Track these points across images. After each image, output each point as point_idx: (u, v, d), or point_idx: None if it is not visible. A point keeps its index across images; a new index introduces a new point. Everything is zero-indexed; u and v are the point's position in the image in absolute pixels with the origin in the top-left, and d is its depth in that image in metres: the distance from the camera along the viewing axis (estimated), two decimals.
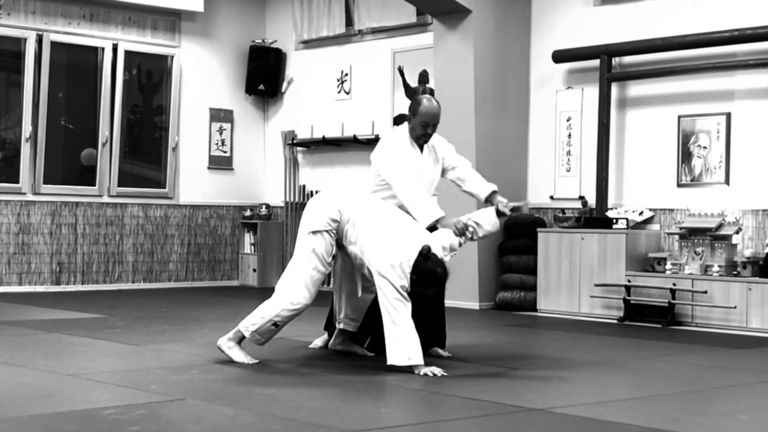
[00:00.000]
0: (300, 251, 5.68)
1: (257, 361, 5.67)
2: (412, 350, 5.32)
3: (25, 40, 10.55)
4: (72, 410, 4.32)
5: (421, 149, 6.00)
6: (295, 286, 5.59)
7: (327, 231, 5.64)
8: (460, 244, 5.72)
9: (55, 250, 10.81)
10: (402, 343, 5.32)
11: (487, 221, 5.84)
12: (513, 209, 5.95)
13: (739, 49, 8.49)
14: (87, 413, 4.25)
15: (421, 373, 5.30)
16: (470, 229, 5.74)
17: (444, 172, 6.12)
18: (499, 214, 5.88)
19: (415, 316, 5.64)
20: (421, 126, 5.92)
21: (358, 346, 6.13)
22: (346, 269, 5.88)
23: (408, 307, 5.37)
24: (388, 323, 5.36)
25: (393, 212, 5.69)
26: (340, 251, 5.77)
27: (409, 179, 5.79)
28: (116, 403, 4.47)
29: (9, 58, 10.75)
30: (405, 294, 5.36)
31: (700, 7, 8.75)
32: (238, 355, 5.68)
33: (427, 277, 5.35)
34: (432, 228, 5.70)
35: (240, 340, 5.72)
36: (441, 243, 5.55)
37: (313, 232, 5.65)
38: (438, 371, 5.32)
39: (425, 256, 5.35)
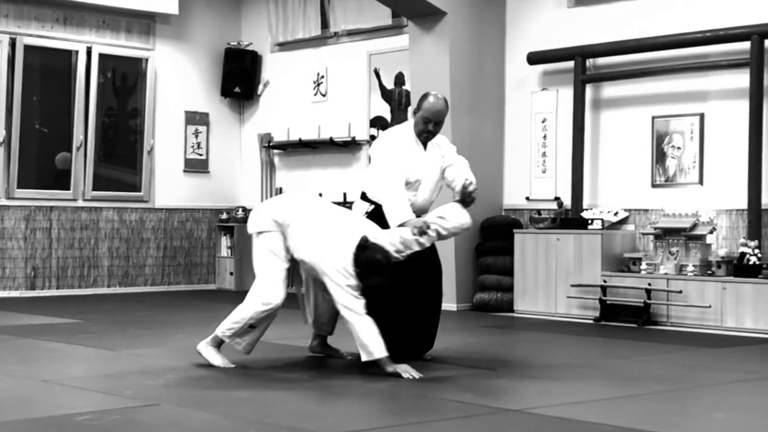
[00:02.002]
0: (258, 254, 5.66)
1: (234, 365, 5.65)
2: (374, 345, 5.31)
3: None
4: (47, 416, 4.29)
5: (425, 146, 5.90)
6: (264, 286, 5.58)
7: (272, 231, 5.60)
8: (422, 244, 5.54)
9: (30, 254, 10.74)
10: (363, 340, 5.31)
11: (453, 217, 5.67)
12: (465, 194, 5.70)
13: (712, 50, 8.54)
14: (62, 419, 4.22)
15: (389, 370, 5.29)
16: (432, 227, 5.56)
17: (443, 171, 5.97)
18: (465, 203, 5.71)
19: (411, 320, 5.70)
20: (423, 121, 5.83)
21: (337, 348, 6.11)
22: (310, 273, 5.85)
23: (361, 303, 5.32)
24: (348, 325, 5.36)
25: (328, 213, 5.62)
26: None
27: (389, 176, 5.70)
28: (91, 408, 4.44)
29: None
30: (355, 293, 5.33)
31: (674, 9, 8.80)
32: (216, 359, 5.66)
33: (368, 266, 5.28)
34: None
35: (219, 344, 5.70)
36: (388, 238, 5.45)
37: (260, 233, 5.64)
38: (414, 374, 5.30)
39: (362, 246, 5.30)
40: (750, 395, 5.21)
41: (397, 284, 5.55)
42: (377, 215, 5.73)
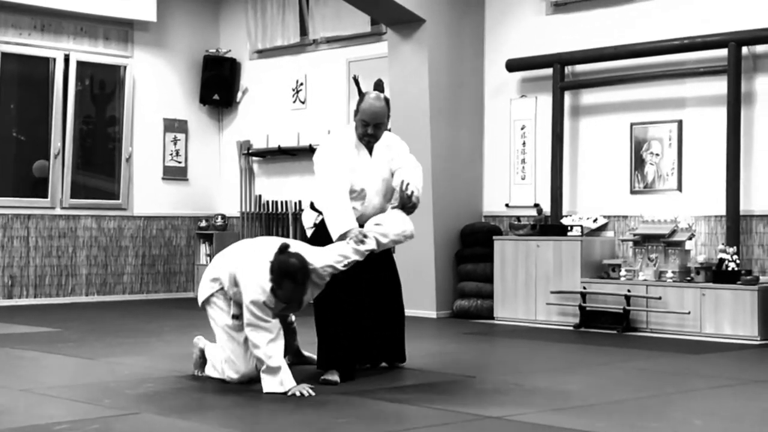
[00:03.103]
0: (213, 329, 5.44)
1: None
2: (267, 382, 5.04)
3: None
4: (25, 425, 4.26)
5: (370, 150, 5.60)
6: (223, 365, 5.35)
7: (214, 293, 5.36)
8: (362, 254, 5.22)
9: (7, 263, 10.67)
10: (272, 372, 5.04)
11: (392, 224, 5.38)
12: (403, 198, 5.38)
13: (689, 57, 8.58)
14: (40, 428, 4.19)
15: (289, 394, 4.98)
16: (370, 236, 5.25)
17: (393, 174, 5.65)
18: (405, 209, 5.40)
19: (374, 328, 5.58)
20: (362, 124, 5.51)
21: (311, 356, 5.94)
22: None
23: (263, 337, 5.02)
24: (254, 355, 5.13)
25: (257, 241, 5.40)
26: None
27: (330, 186, 5.38)
28: (69, 417, 4.41)
29: None
30: (264, 317, 5.02)
31: (652, 16, 8.84)
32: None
33: (280, 271, 4.94)
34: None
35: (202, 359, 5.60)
36: (323, 254, 5.14)
37: (204, 303, 5.41)
38: (306, 391, 4.98)
39: (279, 251, 5.01)
40: (729, 401, 5.22)
41: (341, 292, 5.38)
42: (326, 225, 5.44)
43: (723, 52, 8.25)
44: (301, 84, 11.48)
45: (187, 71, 12.07)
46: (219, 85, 11.99)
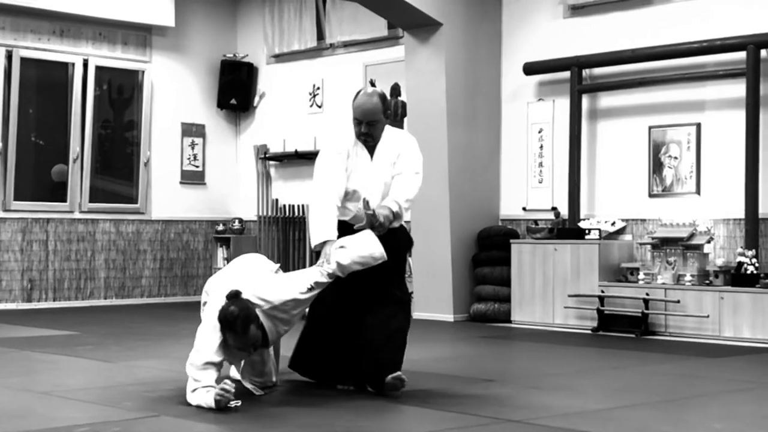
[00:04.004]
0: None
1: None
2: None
3: None
4: (45, 428, 4.28)
5: (371, 149, 5.26)
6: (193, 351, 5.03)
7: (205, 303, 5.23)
8: (331, 276, 4.95)
9: (27, 267, 10.72)
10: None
11: (356, 247, 4.95)
12: (367, 216, 4.98)
13: (708, 60, 8.56)
14: (60, 431, 4.21)
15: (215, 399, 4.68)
16: (332, 260, 4.92)
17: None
18: (373, 228, 4.98)
19: (372, 340, 5.17)
20: (355, 123, 5.21)
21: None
22: None
23: (206, 375, 4.76)
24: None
25: (238, 268, 5.21)
26: None
27: (317, 193, 5.11)
28: (89, 420, 4.43)
29: None
30: (209, 357, 4.77)
31: (670, 19, 8.82)
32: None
33: (221, 321, 4.75)
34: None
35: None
36: (284, 292, 4.90)
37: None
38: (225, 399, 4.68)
39: (227, 297, 4.81)
40: (748, 404, 5.20)
41: (335, 299, 5.14)
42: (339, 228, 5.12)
43: (741, 55, 8.22)
44: (318, 88, 11.50)
45: (205, 76, 12.11)
46: (236, 90, 12.03)
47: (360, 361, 5.23)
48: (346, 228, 5.13)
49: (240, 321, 4.71)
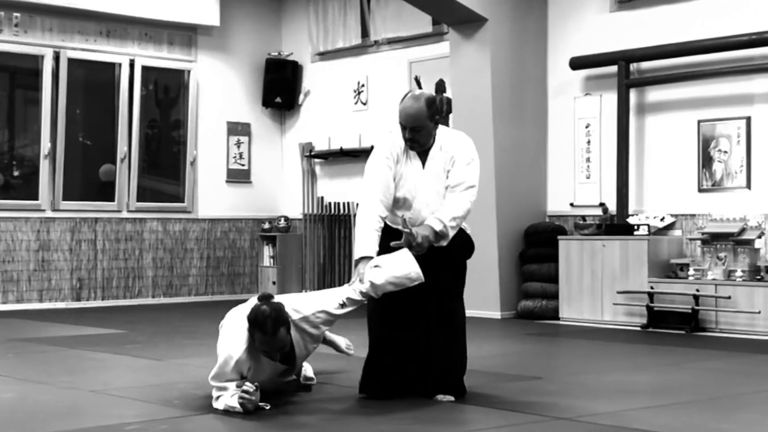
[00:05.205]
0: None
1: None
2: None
3: (43, 57, 10.58)
4: (95, 426, 4.31)
5: (423, 156, 4.99)
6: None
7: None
8: (365, 294, 4.78)
9: (75, 266, 10.83)
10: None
11: (392, 266, 4.75)
12: (405, 235, 4.78)
13: (756, 53, 8.43)
14: (110, 429, 4.24)
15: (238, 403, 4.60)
16: (365, 279, 4.74)
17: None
18: (410, 248, 4.77)
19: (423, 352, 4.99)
20: (402, 129, 4.95)
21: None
22: None
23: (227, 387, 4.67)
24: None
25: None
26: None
27: (363, 206, 4.92)
28: (139, 418, 4.45)
29: (27, 76, 10.80)
30: (224, 380, 4.69)
31: (717, 11, 8.70)
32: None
33: (251, 320, 4.65)
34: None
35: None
36: (316, 304, 4.80)
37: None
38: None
39: (258, 299, 4.78)
40: None
41: (391, 310, 4.91)
42: (386, 234, 4.94)
43: None
44: (363, 85, 11.49)
45: (250, 74, 12.15)
46: (281, 88, 12.06)
47: (426, 381, 5.01)
48: (393, 234, 4.93)
49: (271, 320, 4.58)
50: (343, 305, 4.79)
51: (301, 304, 4.81)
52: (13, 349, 7.04)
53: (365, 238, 4.84)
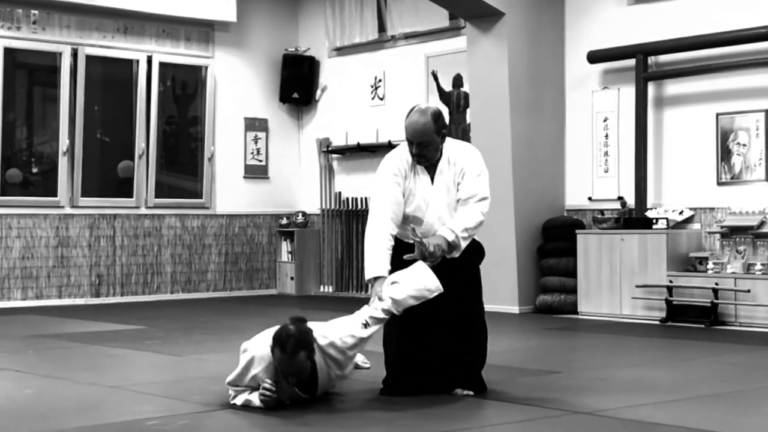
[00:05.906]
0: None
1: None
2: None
3: (61, 54, 10.63)
4: (115, 422, 4.32)
5: (431, 170, 4.95)
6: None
7: None
8: (387, 312, 4.73)
9: (94, 262, 10.87)
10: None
11: (410, 281, 4.72)
12: (419, 247, 4.75)
13: None
14: (130, 424, 4.25)
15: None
16: (384, 296, 4.71)
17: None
18: (425, 260, 4.75)
19: (440, 348, 4.97)
20: (408, 144, 4.93)
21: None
22: None
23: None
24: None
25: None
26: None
27: (371, 224, 4.91)
28: (159, 413, 4.47)
29: (45, 73, 10.85)
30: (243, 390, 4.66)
31: (735, 4, 8.65)
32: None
33: (274, 338, 4.56)
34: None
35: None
36: (343, 330, 4.71)
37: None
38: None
39: (292, 318, 4.65)
40: None
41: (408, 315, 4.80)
42: (396, 247, 4.91)
43: None
44: (380, 80, 11.49)
45: (267, 70, 12.16)
46: (298, 84, 12.06)
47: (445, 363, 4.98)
48: (405, 247, 4.91)
49: (293, 340, 4.48)
50: (366, 325, 4.71)
51: (329, 330, 4.75)
52: (32, 345, 7.07)
53: (377, 257, 4.80)
